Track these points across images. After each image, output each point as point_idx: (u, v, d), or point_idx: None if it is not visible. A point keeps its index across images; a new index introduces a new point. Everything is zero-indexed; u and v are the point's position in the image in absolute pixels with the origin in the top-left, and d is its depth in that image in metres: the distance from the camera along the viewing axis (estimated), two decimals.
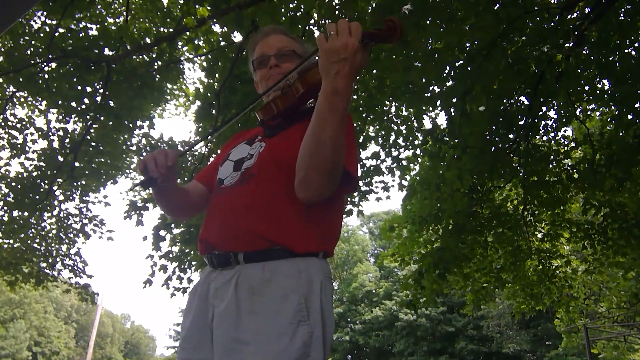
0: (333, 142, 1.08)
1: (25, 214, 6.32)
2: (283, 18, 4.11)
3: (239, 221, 1.23)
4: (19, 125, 6.23)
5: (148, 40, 6.13)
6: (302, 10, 4.26)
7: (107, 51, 5.49)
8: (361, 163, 6.29)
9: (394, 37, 1.12)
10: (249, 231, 1.20)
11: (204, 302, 1.25)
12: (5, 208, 6.15)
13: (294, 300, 1.13)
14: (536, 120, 5.50)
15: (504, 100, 5.28)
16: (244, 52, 4.76)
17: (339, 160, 1.13)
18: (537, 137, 6.25)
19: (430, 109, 5.96)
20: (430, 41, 4.55)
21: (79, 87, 5.40)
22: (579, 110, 6.11)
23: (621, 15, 4.39)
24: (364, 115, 5.84)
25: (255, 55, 1.50)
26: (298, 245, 1.19)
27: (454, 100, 4.75)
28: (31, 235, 6.65)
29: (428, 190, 6.18)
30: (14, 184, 6.07)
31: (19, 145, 6.20)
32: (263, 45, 1.48)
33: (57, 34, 5.30)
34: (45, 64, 5.38)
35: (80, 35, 5.43)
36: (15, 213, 6.26)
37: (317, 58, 1.10)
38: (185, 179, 6.06)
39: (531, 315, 9.37)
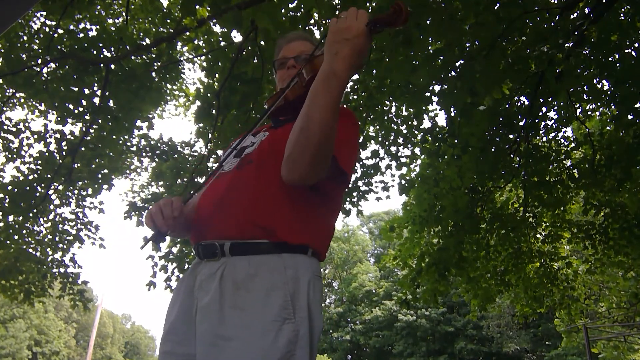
0: (321, 122, 1.06)
1: (21, 218, 6.24)
2: (283, 18, 4.10)
3: (230, 204, 1.23)
4: (14, 129, 6.17)
5: (148, 41, 6.13)
6: (302, 10, 4.25)
7: (106, 52, 5.48)
8: (361, 163, 6.28)
9: (399, 20, 1.11)
10: (241, 215, 1.20)
11: (189, 296, 1.23)
12: (1, 214, 6.08)
13: (279, 297, 1.11)
14: (536, 121, 5.49)
15: (504, 100, 5.28)
16: (243, 52, 4.76)
17: (326, 144, 1.10)
18: (538, 137, 6.25)
19: (430, 107, 5.98)
20: (430, 41, 4.55)
21: (77, 89, 5.38)
22: (579, 110, 6.11)
23: (621, 15, 4.38)
24: (364, 114, 5.85)
25: (277, 57, 1.55)
26: (285, 234, 1.18)
27: (456, 99, 4.74)
28: (27, 240, 6.58)
29: (427, 185, 6.19)
30: (9, 187, 6.00)
31: (14, 149, 6.13)
32: (286, 49, 1.53)
33: (56, 35, 5.30)
34: (44, 65, 5.37)
35: (80, 36, 5.43)
36: (10, 218, 6.20)
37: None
38: (185, 179, 6.06)
39: (533, 317, 9.37)
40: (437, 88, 5.08)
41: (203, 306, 1.16)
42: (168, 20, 6.32)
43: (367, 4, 4.07)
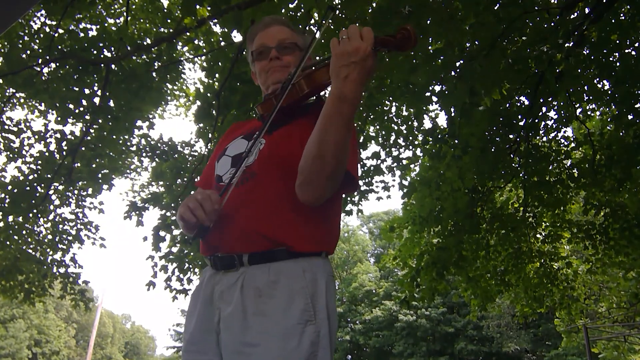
0: (336, 146, 1.08)
1: (21, 219, 6.23)
2: (283, 18, 4.10)
3: (241, 221, 1.22)
4: (15, 129, 6.16)
5: (148, 41, 6.13)
6: (302, 10, 4.26)
7: (106, 52, 5.48)
8: (361, 163, 6.28)
9: (407, 45, 1.10)
10: (252, 231, 1.20)
11: (208, 305, 1.24)
12: (1, 214, 6.06)
13: (300, 301, 1.13)
14: (536, 121, 5.49)
15: (504, 100, 5.27)
16: (244, 52, 4.76)
17: (341, 165, 1.13)
18: (538, 137, 6.25)
19: (431, 108, 5.97)
20: (430, 41, 4.55)
21: (77, 89, 5.38)
22: (579, 110, 6.11)
23: (621, 15, 4.39)
24: (364, 115, 5.84)
25: (255, 46, 1.46)
26: (300, 245, 1.20)
27: (456, 100, 4.74)
28: (27, 240, 6.57)
29: (428, 188, 6.18)
30: (10, 187, 5.99)
31: (15, 149, 6.12)
32: (263, 36, 1.44)
33: (56, 34, 5.29)
34: (44, 65, 5.37)
35: (80, 36, 5.43)
36: (10, 218, 6.19)
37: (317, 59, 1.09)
38: (185, 179, 6.06)
39: (533, 317, 9.38)
40: (437, 88, 5.09)
41: (226, 316, 1.17)
42: (168, 20, 6.32)
43: (367, 4, 4.07)
